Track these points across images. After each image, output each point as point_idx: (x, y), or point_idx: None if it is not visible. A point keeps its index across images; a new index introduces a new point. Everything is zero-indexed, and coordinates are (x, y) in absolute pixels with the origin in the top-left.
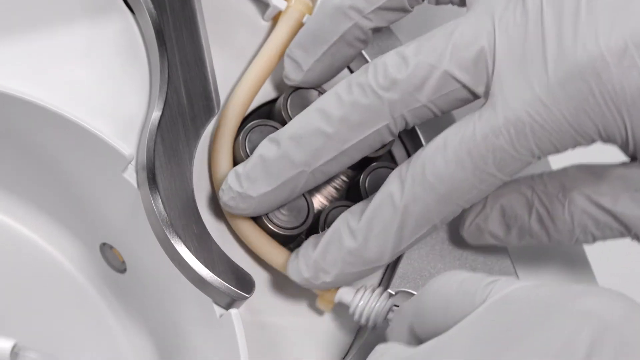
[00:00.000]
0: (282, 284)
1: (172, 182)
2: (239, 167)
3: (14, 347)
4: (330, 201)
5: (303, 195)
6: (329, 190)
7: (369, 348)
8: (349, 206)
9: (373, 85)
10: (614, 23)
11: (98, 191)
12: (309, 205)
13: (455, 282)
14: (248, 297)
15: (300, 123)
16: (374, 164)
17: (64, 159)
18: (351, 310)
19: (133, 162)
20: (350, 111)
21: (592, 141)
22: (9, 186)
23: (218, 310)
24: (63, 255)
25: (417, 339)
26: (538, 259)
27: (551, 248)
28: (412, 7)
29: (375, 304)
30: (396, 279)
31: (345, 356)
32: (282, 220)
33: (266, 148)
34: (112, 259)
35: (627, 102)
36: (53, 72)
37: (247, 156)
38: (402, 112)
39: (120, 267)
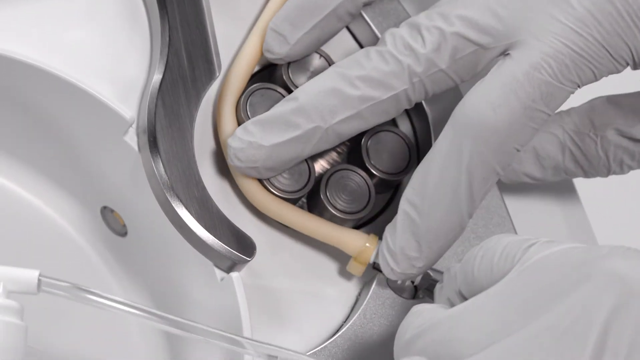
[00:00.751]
0: (284, 247)
1: (173, 145)
2: (251, 120)
3: (39, 275)
4: (332, 165)
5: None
6: (331, 154)
7: (368, 313)
8: (350, 170)
9: (393, 51)
10: None
11: (99, 154)
12: (310, 168)
13: (500, 246)
14: (249, 261)
15: (319, 82)
16: (375, 127)
17: (65, 122)
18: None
19: (134, 125)
20: (370, 73)
21: (625, 65)
22: (10, 149)
23: (219, 273)
24: (64, 219)
25: None
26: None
27: (554, 213)
28: None
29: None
30: None
31: (346, 319)
32: (284, 183)
33: (282, 104)
34: (113, 223)
35: None
36: (54, 35)
37: (248, 119)
38: (421, 78)
39: (121, 231)
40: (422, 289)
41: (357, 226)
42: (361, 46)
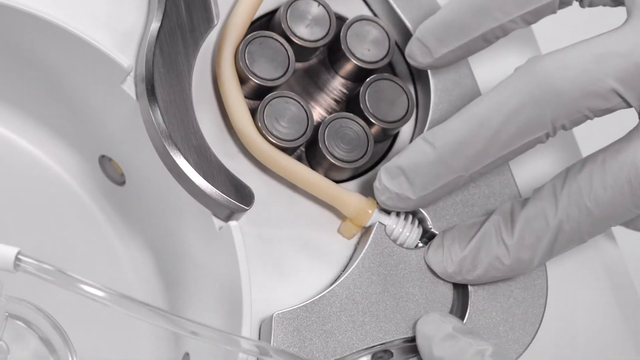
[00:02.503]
0: (282, 196)
1: (171, 93)
2: (393, 165)
3: (17, 254)
4: (330, 113)
5: (302, 107)
6: (329, 102)
7: (367, 262)
8: (348, 118)
9: (536, 95)
10: None
11: (97, 103)
12: (309, 117)
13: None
14: (247, 210)
15: (458, 129)
16: (373, 75)
17: (62, 71)
18: (387, 232)
19: (132, 74)
20: (511, 121)
21: None
22: (9, 99)
23: (217, 222)
24: (62, 168)
25: None
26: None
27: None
28: (557, 11)
29: (409, 233)
30: None
31: (344, 269)
32: (282, 132)
33: (421, 151)
34: (111, 172)
35: None
36: None
37: (247, 68)
38: (562, 122)
39: (119, 180)
40: (422, 239)
41: (355, 175)
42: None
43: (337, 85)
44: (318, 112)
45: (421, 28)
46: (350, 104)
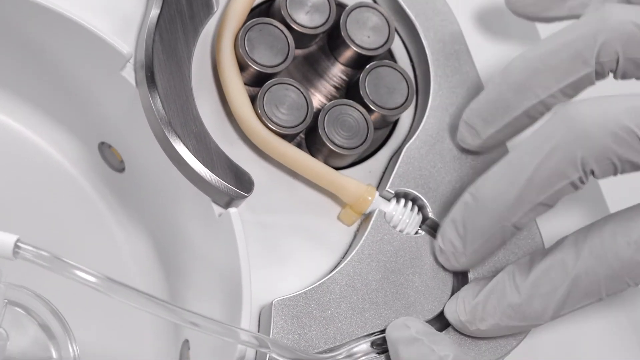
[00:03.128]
0: (282, 183)
1: (170, 80)
2: (447, 221)
3: (17, 241)
4: (330, 100)
5: (302, 93)
6: (329, 88)
7: (367, 249)
8: (348, 105)
9: (568, 138)
10: None
11: (96, 90)
12: (309, 103)
13: None
14: (247, 196)
15: (496, 177)
16: (373, 62)
17: (62, 57)
18: (387, 219)
19: (131, 61)
20: (544, 165)
21: None
22: (8, 85)
23: (217, 209)
24: (62, 155)
25: None
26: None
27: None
28: (595, 82)
29: (409, 220)
30: (395, 178)
31: (344, 256)
32: (282, 119)
33: (466, 203)
34: (111, 158)
35: None
36: None
37: (247, 55)
38: (592, 167)
39: (119, 166)
40: (422, 226)
41: (355, 162)
42: None
43: (336, 72)
44: (318, 99)
45: (467, 111)
46: (350, 90)
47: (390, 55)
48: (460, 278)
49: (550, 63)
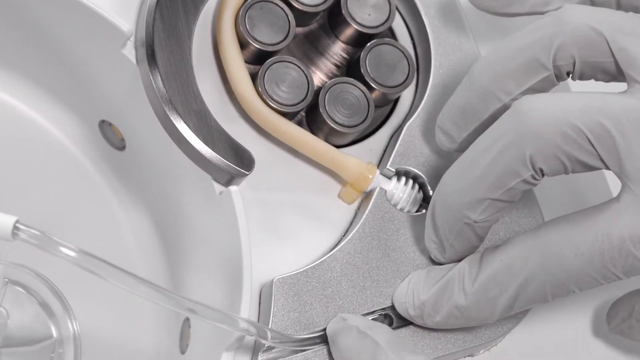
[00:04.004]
0: (283, 161)
1: (171, 58)
2: (426, 224)
3: (15, 222)
4: (330, 78)
5: (303, 71)
6: (329, 67)
7: (368, 227)
8: (349, 83)
9: (519, 133)
10: None
11: (97, 68)
12: (309, 81)
13: None
14: (248, 174)
15: (453, 172)
16: (374, 40)
17: (63, 35)
18: (387, 197)
19: (132, 39)
20: (497, 160)
21: None
22: (9, 63)
23: (217, 187)
24: (62, 132)
25: None
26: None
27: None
28: (558, 83)
29: (410, 198)
30: (396, 156)
31: (344, 234)
32: (283, 97)
33: (432, 200)
34: (111, 136)
35: None
36: None
37: (247, 33)
38: (540, 165)
39: (120, 145)
40: (423, 204)
41: (356, 140)
42: None
43: (337, 50)
44: (318, 77)
45: (440, 117)
46: (350, 68)
47: (391, 33)
48: None
49: (509, 67)
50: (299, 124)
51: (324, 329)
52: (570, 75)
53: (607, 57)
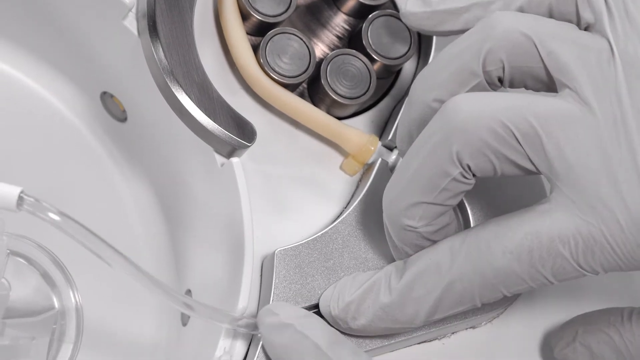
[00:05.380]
0: (284, 133)
1: (172, 29)
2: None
3: (20, 193)
4: (332, 49)
5: (305, 43)
6: (331, 38)
7: (370, 199)
8: (351, 55)
9: (446, 130)
10: None
11: (98, 39)
12: (311, 53)
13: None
14: (249, 146)
15: (390, 186)
16: (376, 12)
17: (64, 7)
18: (389, 168)
19: (133, 10)
20: (427, 160)
21: None
22: (10, 35)
23: (219, 159)
24: (64, 104)
25: None
26: None
27: None
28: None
29: None
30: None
31: (346, 206)
32: (285, 69)
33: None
34: (113, 108)
35: None
36: None
37: (249, 4)
38: (467, 162)
39: (121, 116)
40: None
41: (358, 112)
42: None
43: (339, 21)
44: (320, 49)
45: (396, 138)
46: (352, 40)
47: (393, 4)
48: (463, 223)
49: (442, 77)
50: (301, 95)
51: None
52: (501, 82)
53: (536, 62)
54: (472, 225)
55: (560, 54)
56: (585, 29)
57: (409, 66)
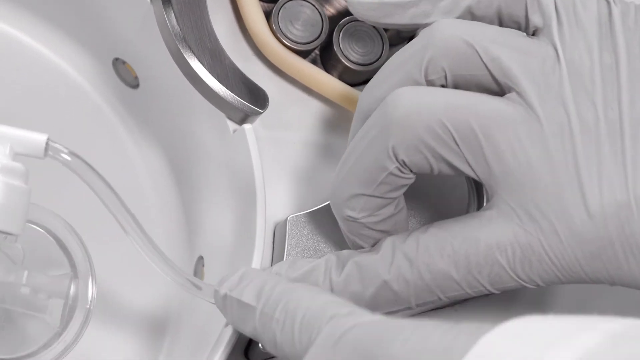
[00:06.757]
0: (296, 100)
1: None
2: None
3: (47, 139)
4: (345, 16)
5: (317, 9)
6: (344, 4)
7: None
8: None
9: (382, 123)
10: None
11: (110, 5)
12: (323, 19)
13: (299, 313)
14: (262, 113)
15: (334, 178)
16: None
17: None
18: None
19: None
20: (365, 153)
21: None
22: (22, 2)
23: (231, 125)
24: (76, 71)
25: None
26: None
27: None
28: None
29: None
30: None
31: None
32: (297, 35)
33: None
34: (125, 74)
35: None
36: None
37: None
38: (402, 157)
39: (133, 83)
40: None
41: (370, 79)
42: None
43: None
44: (333, 15)
45: None
46: None
47: None
48: (473, 183)
49: (386, 88)
50: (313, 62)
51: None
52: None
53: (479, 69)
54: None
55: (504, 60)
56: (534, 33)
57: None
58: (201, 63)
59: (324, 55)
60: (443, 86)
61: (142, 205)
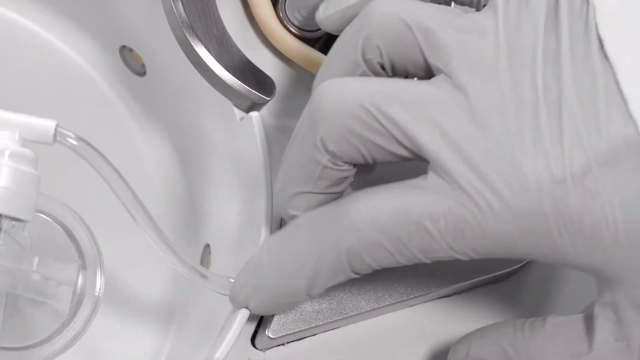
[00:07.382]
0: (304, 87)
1: None
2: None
3: (56, 126)
4: None
5: None
6: None
7: None
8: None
9: (311, 112)
10: (580, 142)
11: None
12: None
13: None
14: (269, 100)
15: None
16: None
17: None
18: None
19: None
20: (297, 146)
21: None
22: None
23: (238, 113)
24: (83, 58)
25: None
26: None
27: None
28: None
29: None
30: None
31: None
32: (304, 23)
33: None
34: (132, 62)
35: (584, 233)
36: None
37: None
38: (332, 148)
39: (140, 70)
40: None
41: None
42: None
43: None
44: None
45: None
46: None
47: None
48: None
49: (332, 70)
50: (321, 50)
51: None
52: (385, 69)
53: (413, 47)
54: None
55: (436, 38)
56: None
57: None
58: (208, 51)
59: (332, 43)
60: (382, 65)
61: (149, 192)
